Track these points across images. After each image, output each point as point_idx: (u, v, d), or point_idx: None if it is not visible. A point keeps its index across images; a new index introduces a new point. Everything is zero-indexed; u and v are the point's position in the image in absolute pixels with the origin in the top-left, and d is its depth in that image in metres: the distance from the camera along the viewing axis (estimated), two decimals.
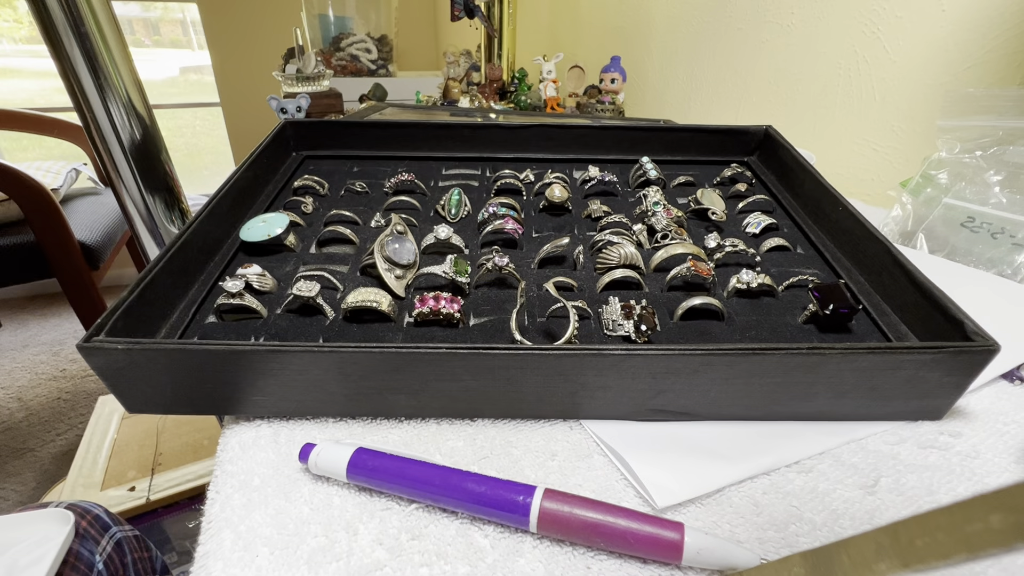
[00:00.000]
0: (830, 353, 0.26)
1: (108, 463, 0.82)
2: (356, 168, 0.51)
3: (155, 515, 0.77)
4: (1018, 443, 0.28)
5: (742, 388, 0.27)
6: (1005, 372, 0.33)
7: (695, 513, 0.25)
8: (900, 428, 0.29)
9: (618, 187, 0.48)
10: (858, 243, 0.37)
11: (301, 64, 1.24)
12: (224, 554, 0.23)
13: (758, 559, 0.21)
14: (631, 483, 0.26)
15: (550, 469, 0.27)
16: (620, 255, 0.36)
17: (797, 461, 0.27)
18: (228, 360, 0.26)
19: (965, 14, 0.56)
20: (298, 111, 0.99)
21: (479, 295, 0.34)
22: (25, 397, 1.37)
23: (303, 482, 0.26)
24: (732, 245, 0.38)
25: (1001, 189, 0.46)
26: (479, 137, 0.52)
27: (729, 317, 0.33)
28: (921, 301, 0.31)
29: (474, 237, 0.41)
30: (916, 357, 0.26)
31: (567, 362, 0.26)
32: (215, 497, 0.25)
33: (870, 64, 0.66)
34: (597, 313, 0.33)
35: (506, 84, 1.27)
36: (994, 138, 0.47)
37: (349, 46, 1.85)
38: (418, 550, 0.23)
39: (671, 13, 0.99)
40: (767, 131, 0.51)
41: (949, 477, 0.26)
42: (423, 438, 0.28)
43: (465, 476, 0.24)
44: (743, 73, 0.85)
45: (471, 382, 0.27)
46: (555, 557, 0.23)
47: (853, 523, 0.24)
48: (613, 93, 1.03)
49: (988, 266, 0.44)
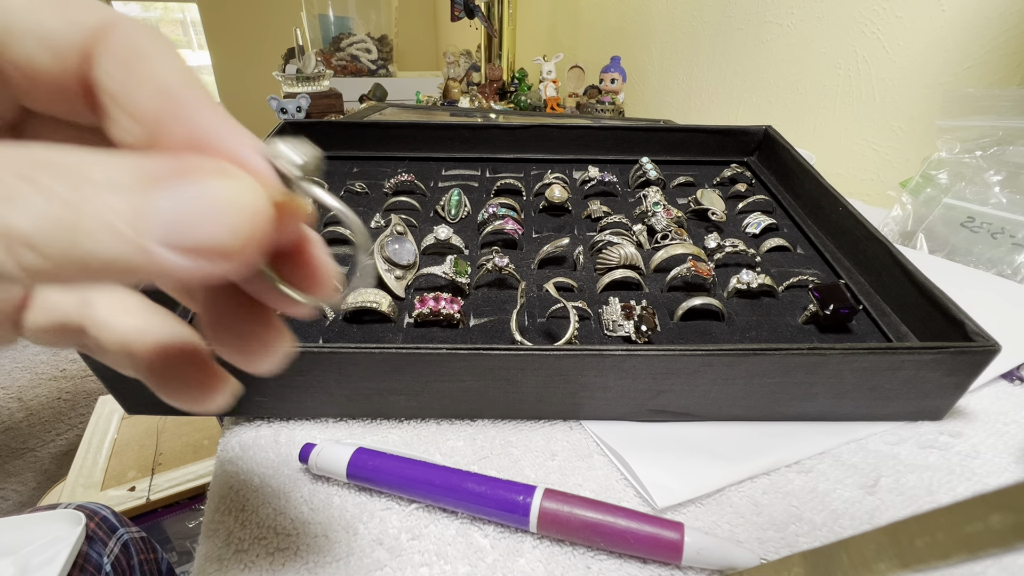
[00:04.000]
0: (830, 353, 0.26)
1: (108, 463, 0.82)
2: (356, 168, 0.51)
3: (155, 515, 0.77)
4: (1018, 443, 0.28)
5: (742, 388, 0.27)
6: (1005, 372, 0.33)
7: (695, 513, 0.25)
8: (900, 428, 0.29)
9: (618, 187, 0.48)
10: (858, 243, 0.37)
11: (301, 64, 1.24)
12: (224, 554, 0.23)
13: (758, 559, 0.21)
14: (631, 483, 0.26)
15: (550, 469, 0.27)
16: (620, 255, 0.36)
17: (797, 461, 0.27)
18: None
19: (965, 14, 0.56)
20: (298, 111, 0.99)
21: (479, 296, 0.34)
22: (25, 397, 1.37)
23: (303, 482, 0.26)
24: (732, 245, 0.38)
25: (1001, 189, 0.46)
26: (479, 137, 0.52)
27: (729, 317, 0.33)
28: (921, 301, 0.31)
29: (474, 237, 0.41)
30: (916, 357, 0.26)
31: (567, 362, 0.26)
32: (215, 497, 0.25)
33: (870, 64, 0.66)
34: (597, 313, 0.33)
35: (506, 84, 1.27)
36: (994, 138, 0.47)
37: (349, 46, 1.85)
38: (418, 550, 0.23)
39: (671, 13, 0.99)
40: (767, 131, 0.51)
41: (949, 477, 0.26)
42: (423, 438, 0.28)
43: (465, 476, 0.24)
44: (743, 73, 0.85)
45: (471, 382, 0.27)
46: (555, 557, 0.23)
47: (853, 523, 0.24)
48: (613, 93, 1.03)
49: (988, 266, 0.44)
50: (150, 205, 0.10)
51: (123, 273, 0.10)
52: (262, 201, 0.11)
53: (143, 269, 0.10)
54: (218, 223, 0.10)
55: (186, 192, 0.10)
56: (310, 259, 0.14)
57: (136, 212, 0.10)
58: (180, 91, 0.12)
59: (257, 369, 0.14)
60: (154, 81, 0.12)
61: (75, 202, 0.09)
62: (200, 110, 0.12)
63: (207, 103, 0.12)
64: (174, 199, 0.10)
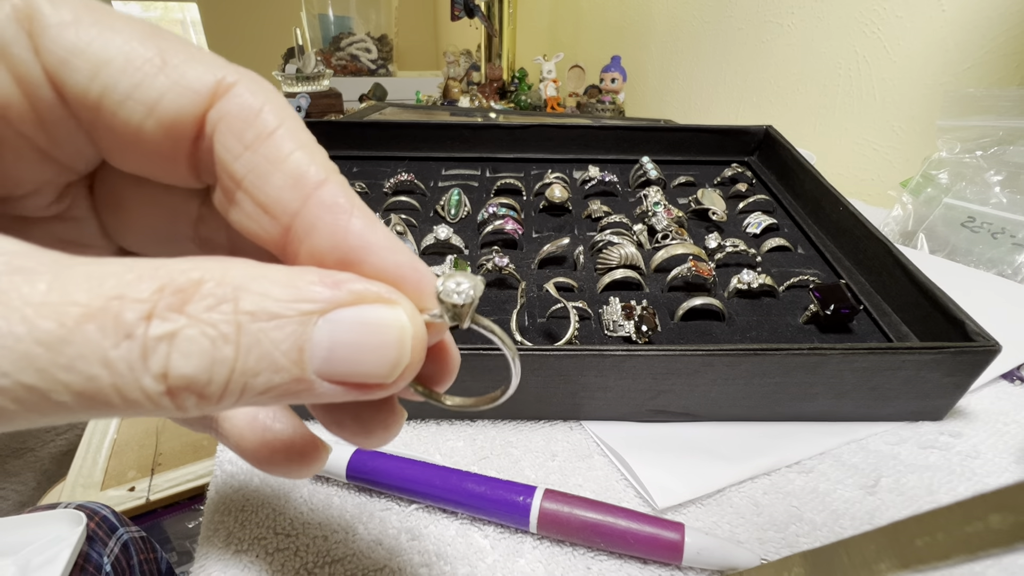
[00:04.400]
0: (831, 353, 0.26)
1: (108, 463, 0.82)
2: (355, 168, 0.51)
3: (155, 515, 0.77)
4: (1018, 443, 0.28)
5: (743, 388, 0.27)
6: (1005, 372, 0.32)
7: (695, 513, 0.25)
8: (900, 428, 0.29)
9: (618, 187, 0.48)
10: (859, 243, 0.37)
11: (301, 64, 1.24)
12: (224, 554, 0.23)
13: (758, 559, 0.21)
14: (631, 483, 0.26)
15: (550, 469, 0.27)
16: (620, 255, 0.36)
17: (798, 461, 0.27)
18: None
19: (965, 14, 0.56)
20: (298, 111, 0.98)
21: None
22: None
23: (302, 482, 0.26)
24: (733, 245, 0.37)
25: (1001, 189, 0.46)
26: (479, 137, 0.52)
27: (730, 317, 0.33)
28: (922, 301, 0.31)
29: (474, 237, 0.41)
30: (917, 357, 0.26)
31: (568, 363, 0.26)
32: (215, 497, 0.25)
33: (870, 64, 0.66)
34: (598, 313, 0.33)
35: (506, 84, 1.27)
36: (994, 138, 0.47)
37: (349, 46, 1.85)
38: (418, 550, 0.23)
39: (672, 13, 0.99)
40: (767, 131, 0.51)
41: (949, 477, 0.26)
42: (423, 438, 0.28)
43: (465, 476, 0.24)
44: (743, 73, 0.85)
45: (471, 383, 0.27)
46: (555, 557, 0.23)
47: (853, 523, 0.24)
48: (613, 93, 1.03)
49: (988, 266, 0.44)
50: (311, 336, 0.09)
51: (276, 400, 0.09)
52: (420, 329, 0.10)
53: (299, 398, 0.10)
54: (378, 357, 0.10)
55: (347, 321, 0.09)
56: (444, 351, 0.13)
57: (297, 345, 0.09)
58: (317, 184, 0.11)
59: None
60: (285, 169, 0.11)
61: (235, 338, 0.09)
62: (343, 210, 0.11)
63: (347, 195, 0.11)
64: (335, 328, 0.09)
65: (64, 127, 0.11)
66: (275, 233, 0.11)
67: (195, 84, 0.11)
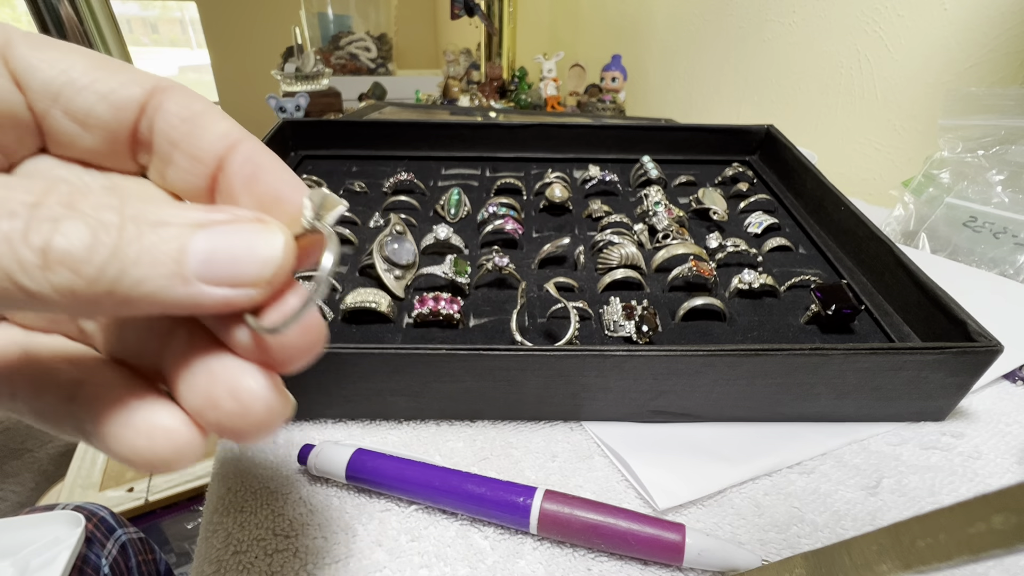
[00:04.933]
0: (832, 354, 0.26)
1: (106, 464, 0.82)
2: (355, 168, 0.50)
3: (154, 516, 0.77)
4: (1020, 444, 0.28)
5: (744, 389, 0.27)
6: (1008, 372, 0.32)
7: (696, 514, 0.24)
8: (902, 429, 0.29)
9: (619, 187, 0.47)
10: (860, 243, 0.37)
11: (300, 63, 1.24)
12: (222, 556, 0.23)
13: (759, 560, 0.21)
14: (632, 484, 0.26)
15: (550, 470, 0.27)
16: (621, 255, 0.35)
17: (799, 462, 0.27)
18: None
19: (967, 13, 0.56)
20: (297, 110, 0.99)
21: (479, 295, 0.34)
22: None
23: (302, 483, 0.26)
24: (734, 245, 0.37)
25: (1003, 189, 0.45)
26: (479, 136, 0.52)
27: (731, 318, 0.33)
28: (924, 301, 0.31)
29: (474, 237, 0.41)
30: (919, 358, 0.26)
31: (568, 363, 0.26)
32: (213, 498, 0.25)
33: (872, 63, 0.66)
34: (598, 314, 0.33)
35: (506, 83, 1.27)
36: (996, 137, 0.47)
37: (348, 44, 1.85)
38: (418, 551, 0.23)
39: (672, 11, 0.99)
40: (768, 130, 0.50)
41: (951, 478, 0.26)
42: (423, 439, 0.28)
43: (465, 477, 0.24)
44: (744, 72, 0.85)
45: (471, 383, 0.27)
46: (555, 559, 0.23)
47: (855, 524, 0.24)
48: (614, 92, 1.03)
49: (990, 266, 0.44)
50: (191, 240, 0.11)
51: (158, 304, 0.11)
52: (289, 237, 0.12)
53: (178, 300, 0.11)
54: (254, 257, 0.11)
55: (225, 233, 0.11)
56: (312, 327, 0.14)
57: (178, 246, 0.11)
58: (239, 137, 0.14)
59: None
60: (214, 129, 0.14)
61: (119, 230, 0.10)
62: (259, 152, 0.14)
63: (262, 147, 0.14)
64: (213, 237, 0.11)
65: (11, 118, 0.14)
66: (203, 183, 0.14)
67: (142, 81, 0.14)
